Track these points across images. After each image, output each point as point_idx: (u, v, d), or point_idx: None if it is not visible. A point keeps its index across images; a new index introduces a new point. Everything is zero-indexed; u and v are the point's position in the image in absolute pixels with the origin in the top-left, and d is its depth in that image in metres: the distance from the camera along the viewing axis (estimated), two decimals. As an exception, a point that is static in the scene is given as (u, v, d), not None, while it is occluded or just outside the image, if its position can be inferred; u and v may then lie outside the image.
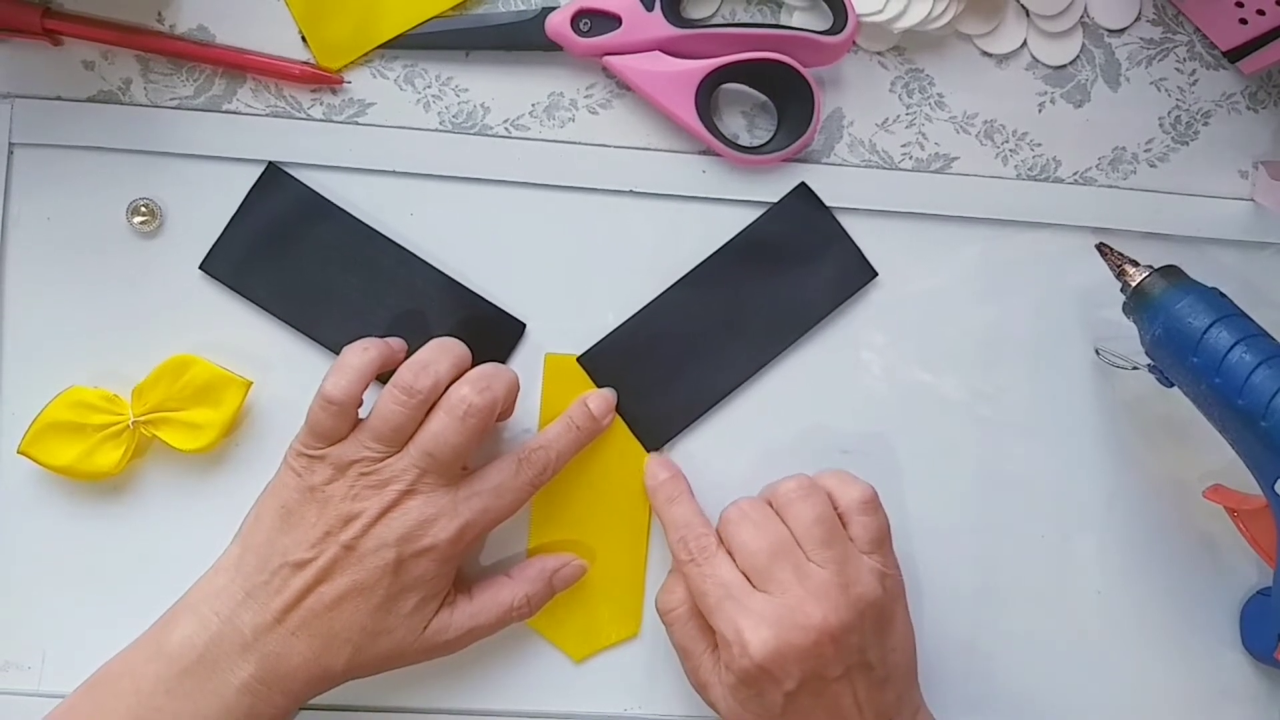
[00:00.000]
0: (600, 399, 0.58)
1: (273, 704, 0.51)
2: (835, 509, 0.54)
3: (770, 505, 0.55)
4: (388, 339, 0.56)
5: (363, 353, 0.53)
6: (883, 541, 0.54)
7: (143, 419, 0.56)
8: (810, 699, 0.52)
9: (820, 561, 0.52)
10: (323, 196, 0.57)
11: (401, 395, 0.52)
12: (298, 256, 0.57)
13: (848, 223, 0.59)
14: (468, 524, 0.53)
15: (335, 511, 0.52)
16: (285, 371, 0.57)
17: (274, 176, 0.57)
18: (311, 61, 0.57)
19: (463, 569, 0.58)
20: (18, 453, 0.55)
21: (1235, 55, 0.60)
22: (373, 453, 0.52)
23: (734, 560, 0.54)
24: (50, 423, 0.55)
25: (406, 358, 0.54)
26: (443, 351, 0.54)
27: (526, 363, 0.59)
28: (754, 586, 0.53)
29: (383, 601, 0.52)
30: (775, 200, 0.59)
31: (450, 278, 0.58)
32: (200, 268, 0.57)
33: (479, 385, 0.53)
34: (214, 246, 0.57)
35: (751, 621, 0.51)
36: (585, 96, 0.59)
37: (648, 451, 0.59)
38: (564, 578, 0.57)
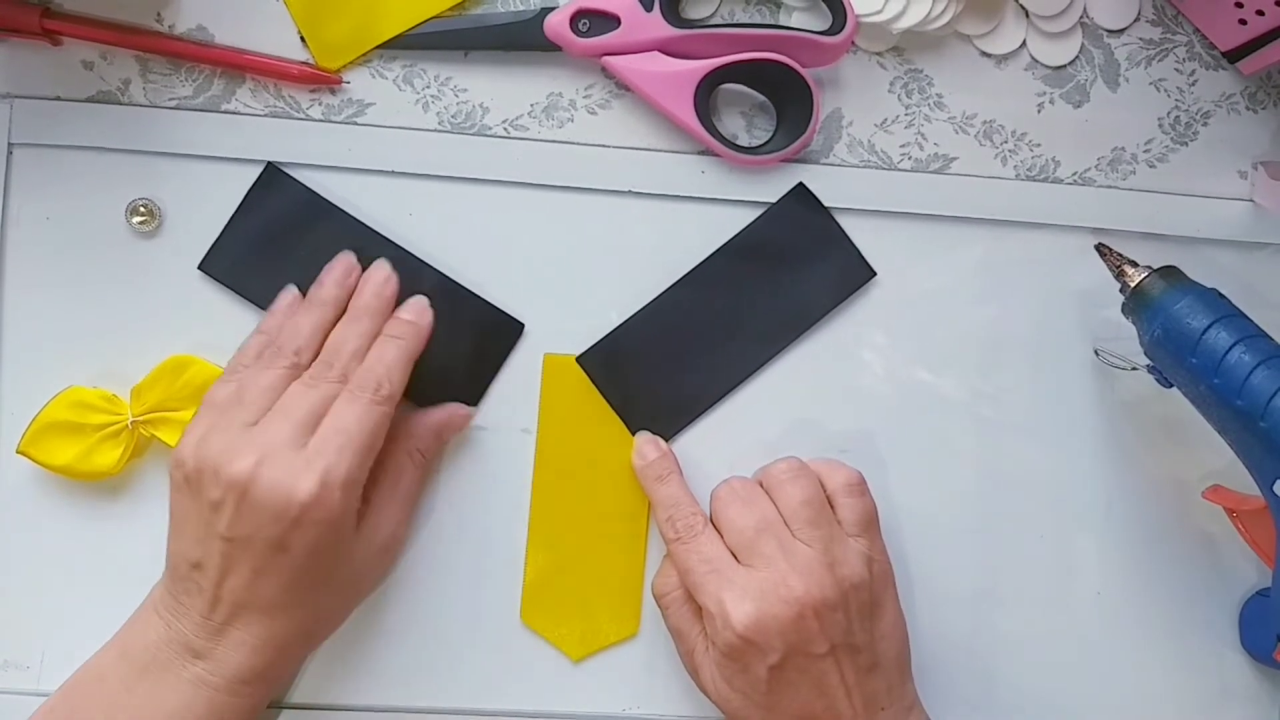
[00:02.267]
0: (412, 304, 0.56)
1: (235, 693, 0.51)
2: (825, 492, 0.55)
3: (761, 485, 0.55)
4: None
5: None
6: (870, 525, 0.55)
7: (141, 419, 0.56)
8: (795, 674, 0.52)
9: (806, 540, 0.53)
10: (321, 196, 0.57)
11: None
12: (296, 257, 0.57)
13: (847, 223, 0.59)
14: (328, 469, 0.50)
15: (205, 503, 0.51)
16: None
17: (273, 177, 0.57)
18: (310, 61, 0.57)
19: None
20: (16, 452, 0.55)
21: (1235, 56, 0.60)
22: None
23: (722, 538, 0.54)
24: (49, 422, 0.55)
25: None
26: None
27: (526, 362, 0.59)
28: (739, 563, 0.53)
29: (292, 575, 0.51)
30: (774, 200, 0.59)
31: (449, 278, 0.58)
32: (199, 268, 0.57)
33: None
34: (212, 247, 0.57)
35: (734, 594, 0.52)
36: (584, 97, 0.59)
37: (646, 452, 0.59)
38: (409, 487, 0.56)
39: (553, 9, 0.57)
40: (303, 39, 0.57)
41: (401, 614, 0.58)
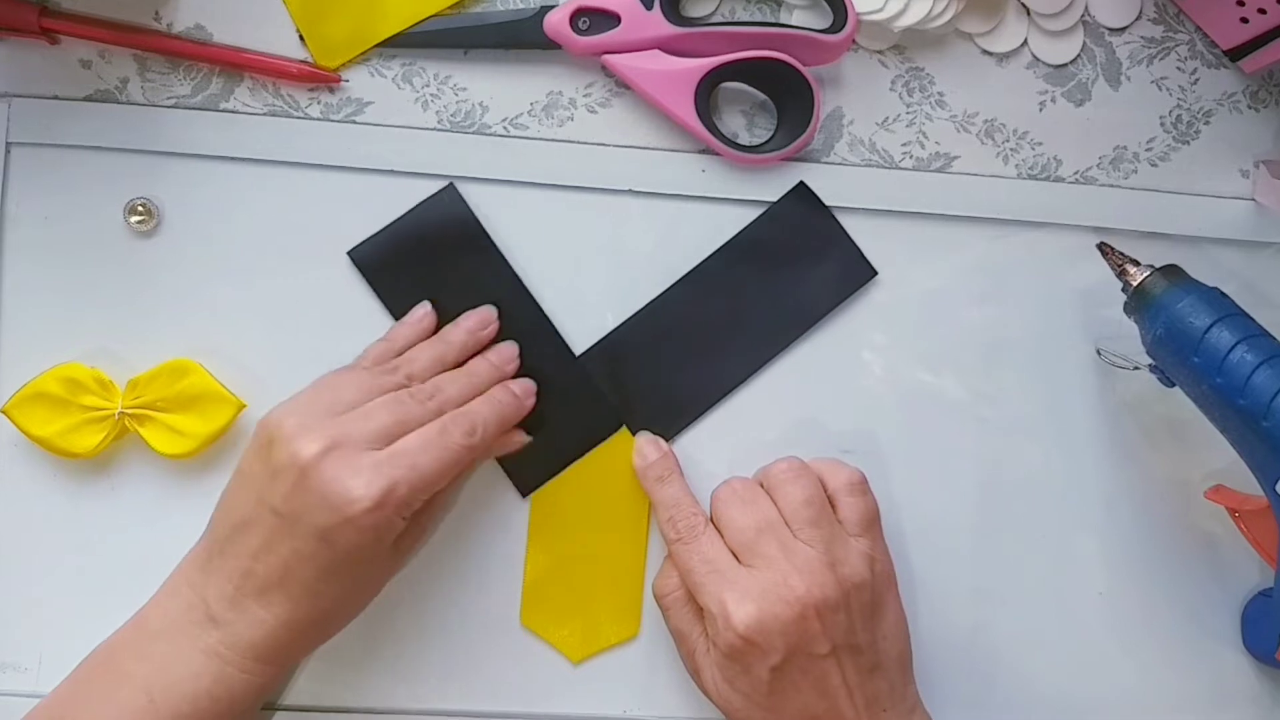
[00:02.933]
0: (522, 383, 0.57)
1: (243, 669, 0.50)
2: (826, 492, 0.55)
3: (761, 486, 0.55)
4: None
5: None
6: (871, 525, 0.55)
7: (130, 411, 0.56)
8: (797, 675, 0.52)
9: (807, 540, 0.53)
10: (488, 236, 0.57)
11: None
12: (442, 281, 0.57)
13: (847, 222, 0.59)
14: (393, 482, 0.49)
15: (270, 470, 0.50)
16: (276, 389, 0.55)
17: (450, 196, 0.57)
18: (309, 60, 0.57)
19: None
20: (0, 411, 0.55)
21: (1236, 54, 0.60)
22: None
23: (723, 538, 0.54)
24: (39, 392, 0.55)
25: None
26: (490, 405, 0.55)
27: (525, 363, 0.59)
28: (741, 563, 0.53)
29: (326, 567, 0.50)
30: (775, 199, 0.59)
31: (577, 359, 0.58)
32: (348, 253, 0.57)
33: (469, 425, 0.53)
34: (368, 239, 0.57)
35: (735, 594, 0.52)
36: (584, 95, 0.58)
37: (647, 452, 0.59)
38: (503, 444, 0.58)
39: (553, 7, 0.57)
40: (301, 38, 0.57)
41: (402, 615, 0.58)
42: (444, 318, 0.57)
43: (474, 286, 0.57)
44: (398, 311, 0.58)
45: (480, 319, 0.57)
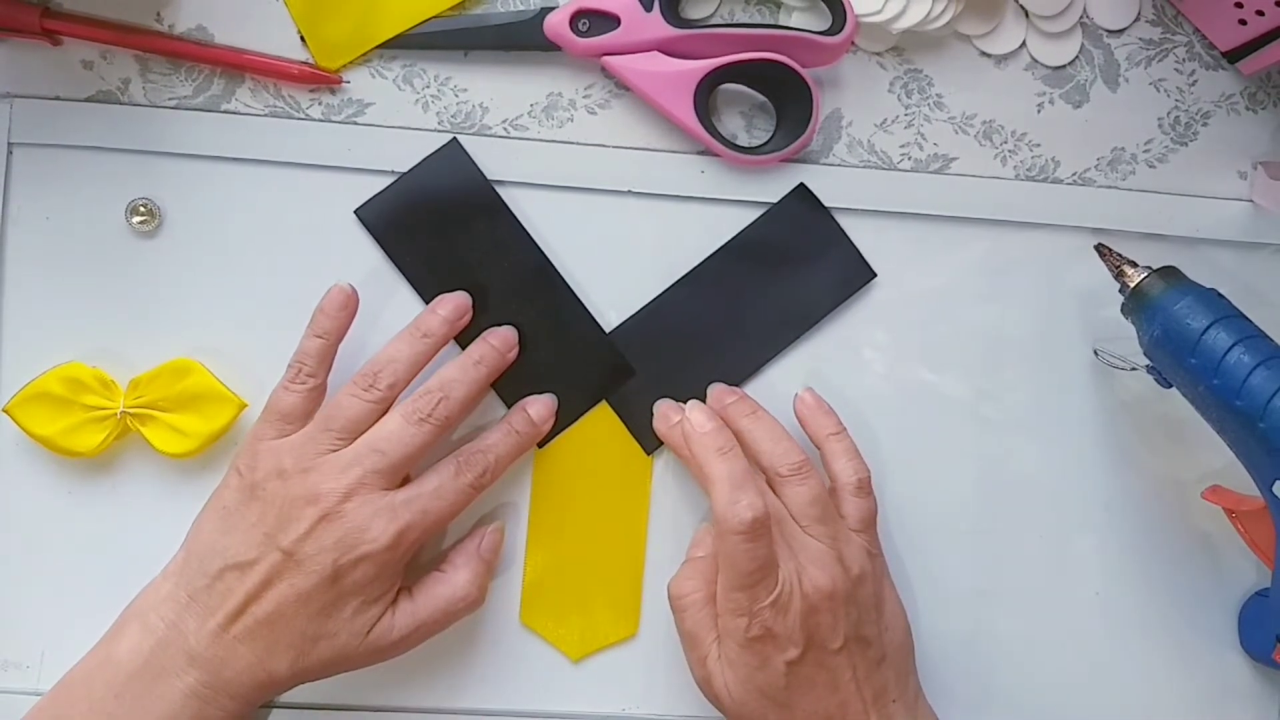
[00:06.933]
0: (540, 404, 0.57)
1: (220, 707, 0.51)
2: (831, 484, 0.55)
3: (766, 479, 0.55)
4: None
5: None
6: (871, 523, 0.55)
7: (132, 410, 0.56)
8: (812, 669, 0.52)
9: (816, 535, 0.53)
10: (494, 189, 0.58)
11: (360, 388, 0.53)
12: (450, 238, 0.57)
13: (847, 223, 0.59)
14: (408, 526, 0.52)
15: (276, 511, 0.51)
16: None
17: (454, 153, 0.57)
18: (310, 61, 0.57)
19: (410, 565, 0.57)
20: (3, 410, 0.56)
21: (1234, 56, 0.60)
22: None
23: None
24: (41, 391, 0.56)
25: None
26: (460, 373, 0.55)
27: (525, 362, 0.59)
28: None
29: (323, 608, 0.51)
30: (774, 201, 0.59)
31: (587, 310, 0.58)
32: (355, 212, 0.57)
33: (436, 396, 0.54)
34: (374, 197, 0.57)
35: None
36: (584, 97, 0.59)
37: (647, 454, 0.59)
38: (490, 548, 0.57)
39: (552, 9, 0.57)
40: (302, 39, 0.57)
41: (401, 614, 0.58)
42: (455, 275, 0.57)
43: (483, 241, 0.58)
44: (408, 270, 0.58)
45: (456, 306, 0.56)
